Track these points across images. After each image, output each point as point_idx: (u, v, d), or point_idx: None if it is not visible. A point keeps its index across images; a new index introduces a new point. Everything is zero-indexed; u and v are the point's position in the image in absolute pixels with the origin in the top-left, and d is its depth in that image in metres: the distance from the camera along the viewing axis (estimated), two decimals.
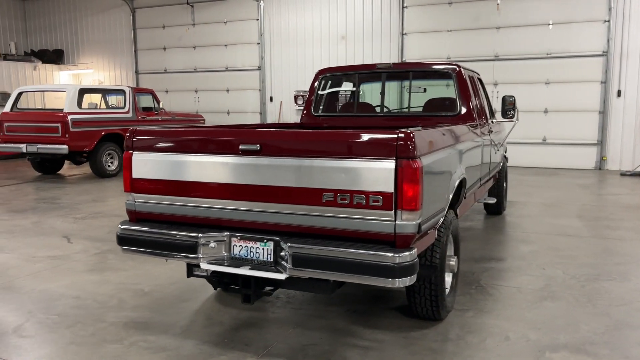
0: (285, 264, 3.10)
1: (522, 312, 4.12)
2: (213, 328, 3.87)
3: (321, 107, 5.97)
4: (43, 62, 18.02)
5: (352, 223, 3.02)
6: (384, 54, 14.21)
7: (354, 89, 6.45)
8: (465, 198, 4.48)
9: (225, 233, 3.29)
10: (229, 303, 4.30)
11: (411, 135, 2.92)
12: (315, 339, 3.68)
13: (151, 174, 3.48)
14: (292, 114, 15.42)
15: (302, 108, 15.27)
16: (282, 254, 3.12)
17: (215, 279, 3.42)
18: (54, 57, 18.51)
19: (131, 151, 3.55)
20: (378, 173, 2.92)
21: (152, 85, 17.13)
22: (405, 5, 13.91)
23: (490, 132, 6.01)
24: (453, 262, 3.97)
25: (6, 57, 17.41)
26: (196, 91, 16.86)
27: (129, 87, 12.70)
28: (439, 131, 3.57)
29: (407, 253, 2.92)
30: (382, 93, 5.77)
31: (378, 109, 6.17)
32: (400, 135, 2.92)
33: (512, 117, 6.46)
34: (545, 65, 12.76)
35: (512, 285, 4.71)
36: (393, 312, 4.13)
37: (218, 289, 4.09)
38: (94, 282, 4.87)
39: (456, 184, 3.85)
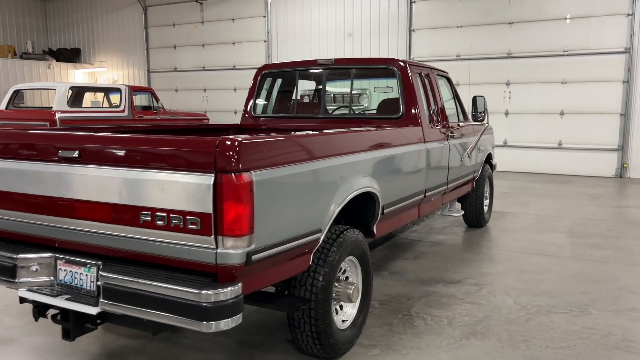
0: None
1: (436, 351, 3.49)
2: (71, 358, 3.41)
3: (262, 107, 5.46)
4: (60, 61, 18.18)
5: (172, 250, 2.49)
6: (392, 51, 13.52)
7: (320, 87, 5.91)
8: (383, 214, 3.86)
9: (48, 255, 2.82)
10: (115, 329, 3.83)
11: (235, 143, 2.37)
12: None
13: None
14: None
15: None
16: (98, 283, 2.62)
17: (36, 308, 2.96)
18: (71, 55, 18.67)
19: None
20: (194, 189, 2.39)
21: (163, 84, 17.02)
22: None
23: (451, 136, 5.34)
24: (351, 290, 3.37)
25: (22, 55, 17.65)
26: (205, 90, 16.61)
27: (125, 85, 12.53)
28: (304, 138, 2.97)
29: (227, 289, 2.37)
30: (323, 92, 5.19)
31: (342, 110, 5.60)
32: (225, 143, 2.37)
33: (482, 120, 5.76)
34: (561, 63, 11.79)
35: (445, 316, 4.06)
36: (289, 345, 3.57)
37: None
38: None
39: (348, 199, 3.25)
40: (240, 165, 2.36)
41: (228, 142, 2.37)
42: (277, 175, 2.59)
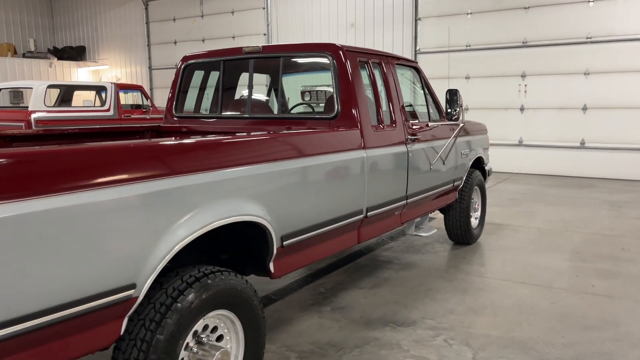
0: None
1: None
2: None
3: (184, 105, 4.58)
4: (64, 59, 17.77)
5: None
6: (397, 43, 12.46)
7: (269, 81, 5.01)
8: (283, 247, 2.91)
9: None
10: None
11: None
12: None
13: None
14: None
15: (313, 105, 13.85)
16: None
17: None
18: (75, 53, 18.24)
19: None
20: None
21: (165, 82, 16.38)
22: None
23: (414, 139, 4.34)
24: (214, 357, 2.44)
25: (25, 54, 17.30)
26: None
27: (111, 83, 11.88)
28: (76, 151, 1.98)
29: None
30: (250, 86, 4.26)
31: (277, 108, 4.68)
32: None
33: (456, 119, 4.72)
34: (584, 52, 10.48)
35: None
36: None
37: None
38: None
39: (195, 236, 2.32)
40: None
41: None
42: (16, 212, 1.67)
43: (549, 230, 6.49)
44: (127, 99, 13.22)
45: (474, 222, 5.96)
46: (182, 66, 4.53)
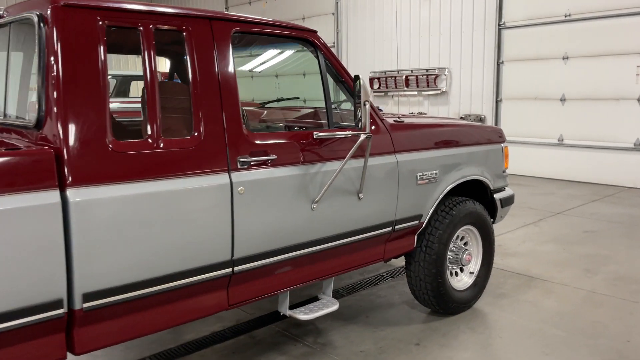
0: None
1: None
2: None
3: None
4: None
5: None
6: (477, 15, 9.97)
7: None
8: None
9: None
10: None
11: None
12: None
13: None
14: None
15: (379, 94, 11.95)
16: None
17: None
18: None
19: None
20: None
21: None
22: None
23: (252, 163, 2.52)
24: None
25: None
26: (276, 76, 14.55)
27: None
28: None
29: None
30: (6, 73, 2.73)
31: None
32: None
33: (360, 127, 2.75)
34: None
35: None
36: None
37: None
38: None
39: None
40: None
41: None
42: None
43: (603, 299, 4.07)
44: None
45: (463, 280, 3.85)
46: None
